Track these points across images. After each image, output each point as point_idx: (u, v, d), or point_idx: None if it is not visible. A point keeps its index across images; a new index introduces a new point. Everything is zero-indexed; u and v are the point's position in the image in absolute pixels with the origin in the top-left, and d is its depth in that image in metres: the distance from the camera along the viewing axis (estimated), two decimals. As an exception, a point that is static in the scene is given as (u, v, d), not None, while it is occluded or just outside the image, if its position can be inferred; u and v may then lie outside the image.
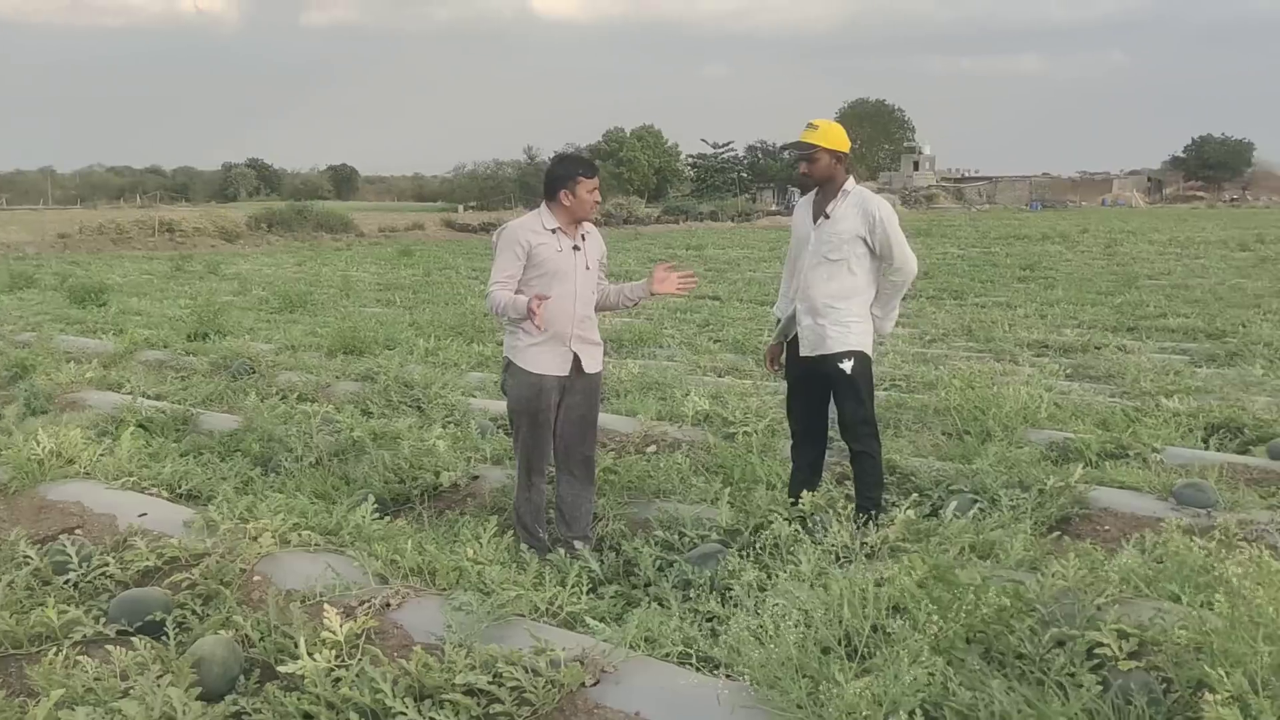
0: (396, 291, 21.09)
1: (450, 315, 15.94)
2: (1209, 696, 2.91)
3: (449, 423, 7.91)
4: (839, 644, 3.35)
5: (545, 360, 5.22)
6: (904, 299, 5.67)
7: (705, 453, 6.84)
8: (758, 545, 4.82)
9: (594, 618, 4.04)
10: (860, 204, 5.20)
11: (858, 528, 4.83)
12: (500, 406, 8.43)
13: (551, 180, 5.33)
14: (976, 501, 5.60)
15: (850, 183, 5.28)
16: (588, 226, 5.42)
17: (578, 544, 5.13)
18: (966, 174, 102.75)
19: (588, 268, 5.31)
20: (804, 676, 3.14)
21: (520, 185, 76.51)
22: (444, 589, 4.19)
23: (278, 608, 4.01)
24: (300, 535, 4.67)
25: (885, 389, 9.44)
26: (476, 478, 6.39)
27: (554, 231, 5.26)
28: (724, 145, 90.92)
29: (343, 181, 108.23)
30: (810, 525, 5.00)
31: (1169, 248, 32.98)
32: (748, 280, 23.45)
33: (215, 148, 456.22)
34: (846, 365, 5.13)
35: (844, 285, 5.18)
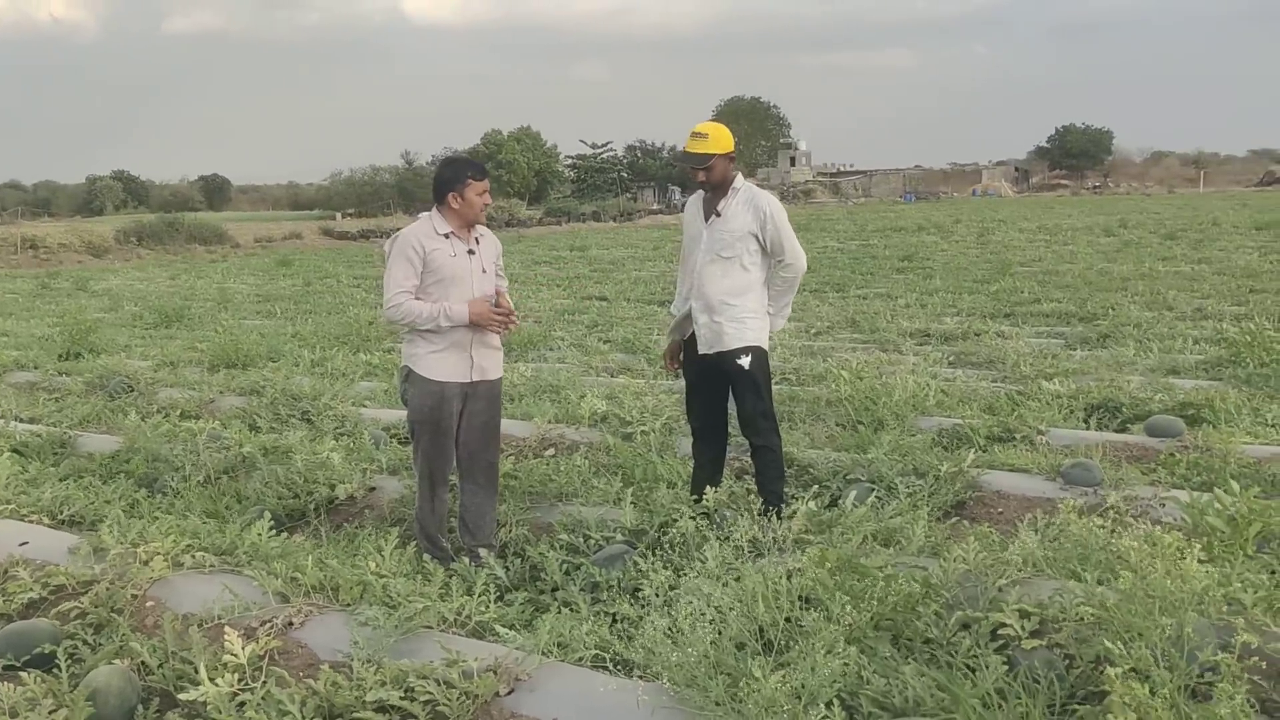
0: (276, 303, 20.62)
1: (334, 325, 15.65)
2: (1110, 670, 3.00)
3: (341, 434, 7.76)
4: (754, 639, 3.36)
5: (446, 367, 5.12)
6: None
7: (604, 454, 6.81)
8: (664, 544, 4.81)
9: (504, 625, 4.00)
10: (750, 200, 5.21)
11: (763, 522, 4.86)
12: (392, 415, 8.34)
13: (440, 184, 5.22)
14: (874, 490, 5.69)
15: (739, 180, 5.30)
16: (481, 229, 5.32)
17: (482, 552, 5.04)
18: (842, 168, 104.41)
19: (484, 270, 5.21)
20: (721, 674, 3.15)
21: (399, 191, 75.52)
22: (348, 604, 4.09)
23: (174, 633, 3.87)
24: (194, 557, 4.51)
25: (777, 383, 9.51)
26: (373, 489, 6.26)
27: (447, 236, 5.17)
28: (603, 145, 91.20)
29: (214, 192, 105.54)
30: (715, 521, 5.01)
31: (1038, 235, 33.97)
32: (633, 280, 23.48)
33: (78, 161, 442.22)
34: (744, 361, 5.15)
35: (738, 282, 5.19)
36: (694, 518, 4.91)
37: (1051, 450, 6.45)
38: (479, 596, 4.09)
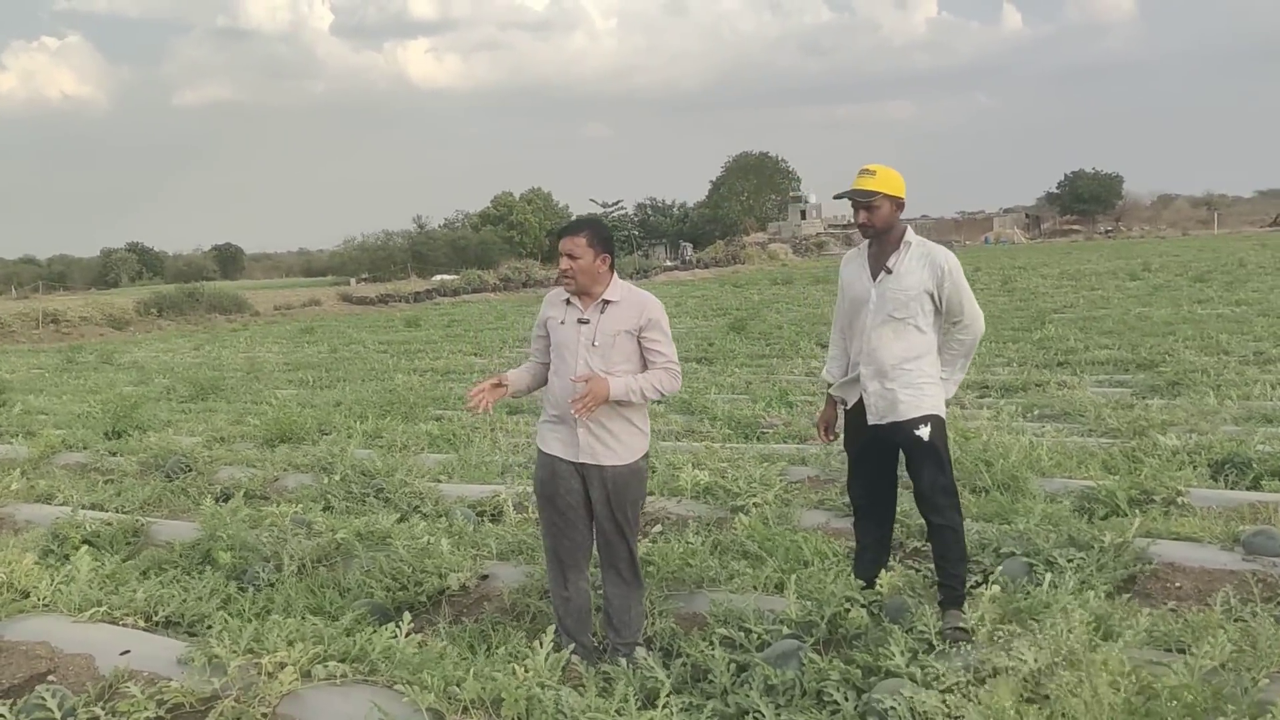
0: (307, 371, 20.28)
1: (372, 393, 15.28)
2: None
3: (424, 513, 7.35)
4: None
5: (553, 441, 4.77)
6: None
7: (719, 530, 6.39)
8: (839, 639, 4.36)
9: None
10: (926, 256, 4.79)
11: (952, 613, 4.44)
12: (476, 491, 7.96)
13: None
14: (1032, 565, 5.26)
15: (910, 233, 4.88)
16: (618, 294, 4.80)
17: (640, 651, 4.57)
18: (852, 220, 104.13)
19: (595, 344, 4.70)
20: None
21: (412, 254, 75.45)
22: (513, 721, 3.65)
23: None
24: (325, 667, 4.08)
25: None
26: (486, 577, 5.82)
27: (568, 302, 4.81)
28: (614, 204, 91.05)
29: (228, 261, 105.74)
30: (891, 611, 4.58)
31: (1062, 280, 33.65)
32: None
33: (92, 234, 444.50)
34: (923, 431, 4.69)
35: (913, 344, 4.76)
36: (865, 606, 4.47)
37: (1212, 515, 6.01)
38: (662, 709, 3.62)
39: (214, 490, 8.68)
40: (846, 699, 3.80)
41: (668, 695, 3.67)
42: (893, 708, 3.60)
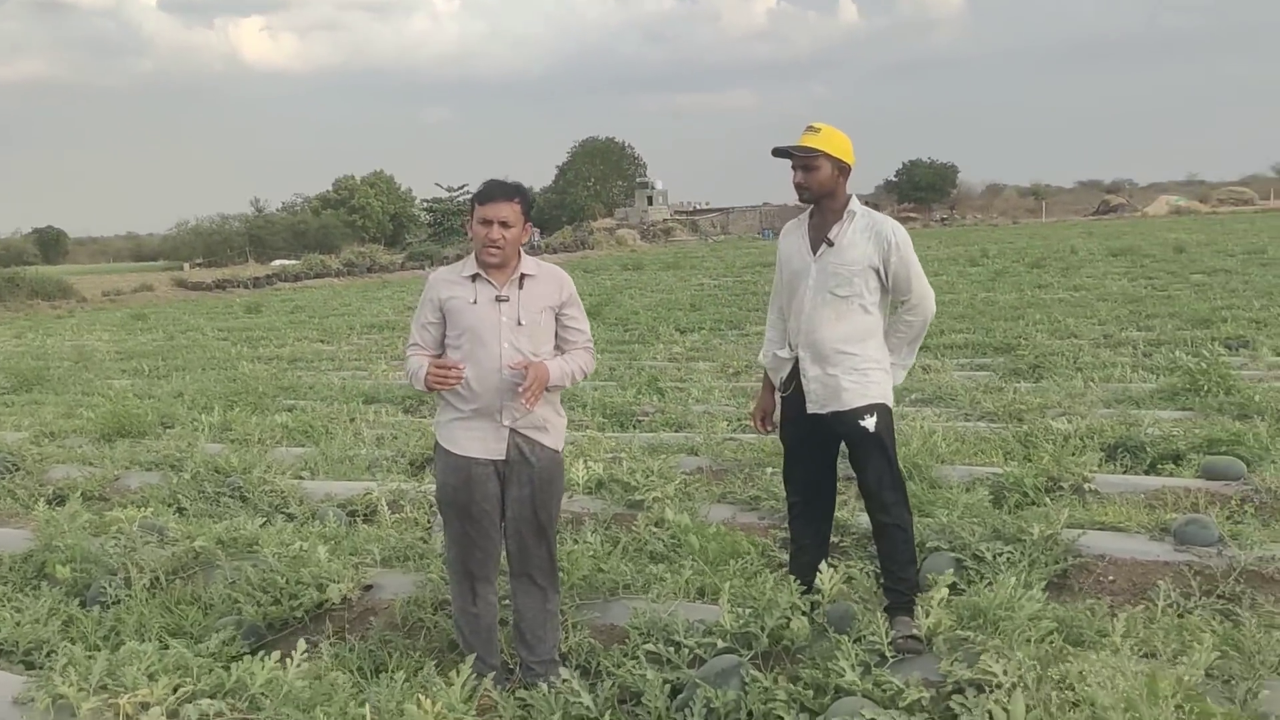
0: (142, 359, 19.02)
1: (215, 382, 14.35)
2: None
3: (289, 515, 6.71)
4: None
5: (471, 440, 4.16)
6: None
7: (618, 527, 5.95)
8: (781, 652, 3.95)
9: None
10: (871, 228, 4.35)
11: (893, 617, 4.09)
12: (344, 489, 7.33)
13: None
14: (960, 560, 4.98)
15: (855, 202, 4.42)
16: (533, 267, 4.28)
17: (563, 672, 4.06)
18: (698, 206, 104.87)
19: (520, 322, 4.16)
20: None
21: (250, 239, 72.64)
22: (428, 767, 3.14)
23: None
24: (197, 706, 3.48)
25: (734, 430, 8.87)
26: (370, 587, 5.23)
27: (473, 279, 4.19)
28: (459, 188, 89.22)
29: (50, 244, 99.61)
30: (832, 619, 4.21)
31: (908, 266, 34.12)
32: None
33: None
34: (869, 422, 4.27)
35: (857, 326, 4.33)
36: (806, 613, 4.08)
37: (1130, 504, 5.84)
38: None
39: (46, 492, 7.84)
40: (799, 722, 3.42)
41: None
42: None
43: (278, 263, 57.31)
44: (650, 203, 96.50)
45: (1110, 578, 4.88)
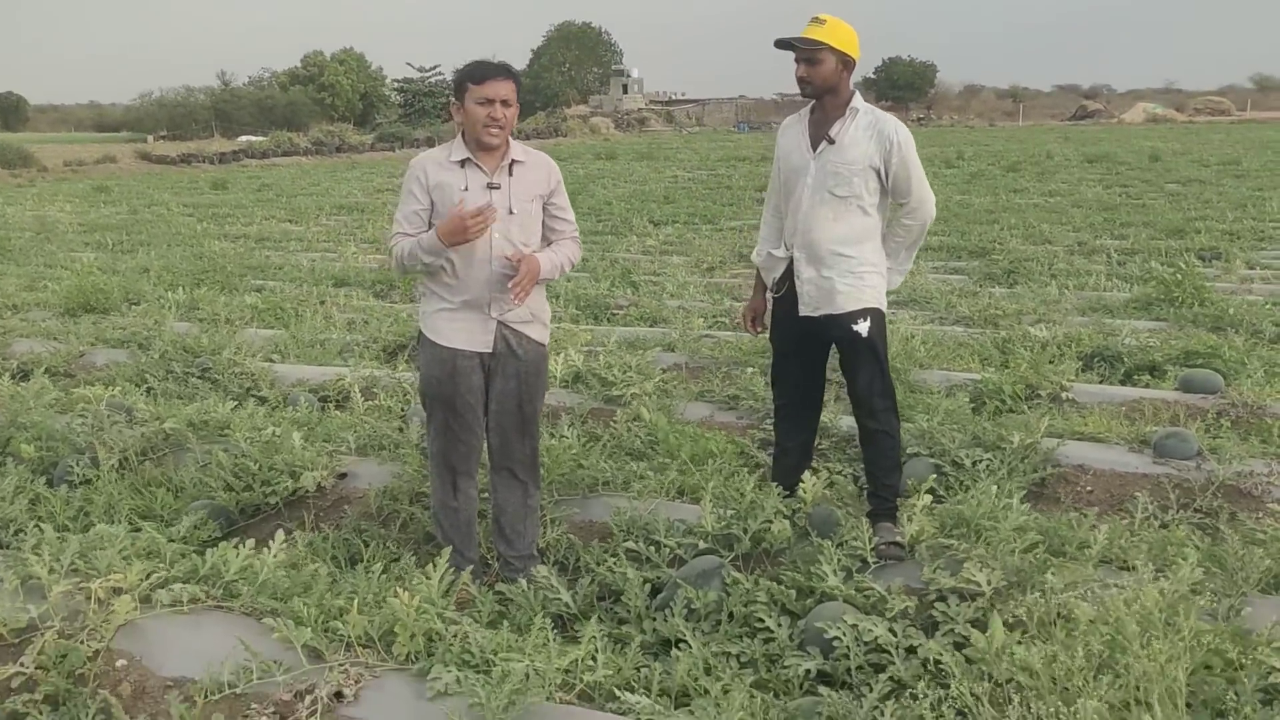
0: (106, 233, 18.63)
1: (181, 259, 14.09)
2: None
3: (259, 397, 6.61)
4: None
5: (457, 332, 4.04)
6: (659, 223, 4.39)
7: (595, 422, 5.89)
8: (761, 553, 3.93)
9: (626, 688, 3.06)
10: (874, 126, 4.20)
11: (875, 524, 4.07)
12: (316, 373, 7.22)
13: (451, 94, 4.09)
14: (939, 466, 4.96)
15: (858, 99, 4.27)
16: (523, 154, 4.14)
17: (540, 569, 4.01)
18: (675, 96, 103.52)
19: (511, 211, 4.02)
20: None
21: (216, 113, 71.07)
22: (409, 662, 3.10)
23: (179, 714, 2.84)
24: (170, 591, 3.42)
25: (710, 327, 8.82)
26: (344, 475, 5.16)
27: (462, 164, 4.00)
28: (431, 69, 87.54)
29: (9, 111, 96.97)
30: (815, 522, 4.19)
31: (884, 165, 33.84)
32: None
33: None
34: (861, 326, 4.18)
35: (854, 228, 4.21)
36: (789, 517, 4.05)
37: (1108, 413, 5.84)
38: (586, 645, 3.11)
39: (9, 366, 7.70)
40: (780, 625, 3.40)
41: (592, 637, 3.14)
42: (838, 638, 3.21)
43: (244, 138, 56.15)
44: (625, 91, 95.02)
45: (1089, 488, 4.89)
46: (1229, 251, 13.02)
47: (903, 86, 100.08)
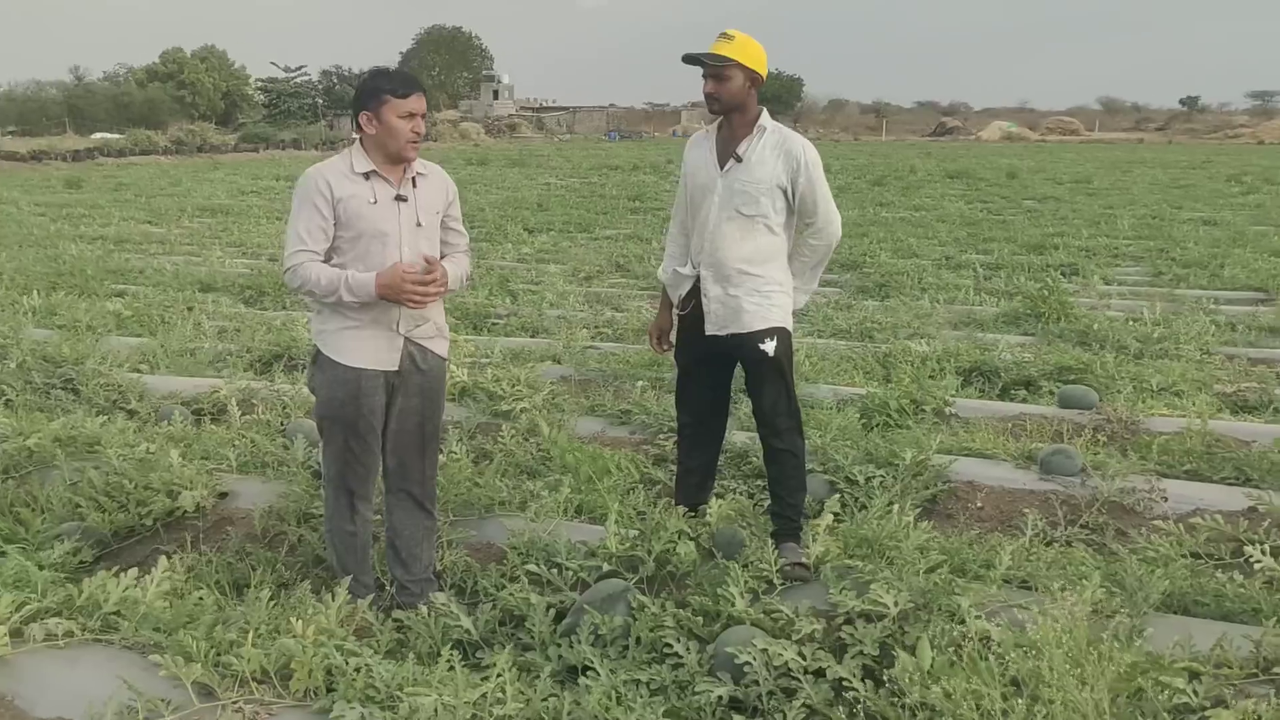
0: (-52, 234, 17.73)
1: (34, 262, 13.43)
2: None
3: (146, 416, 6.30)
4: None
5: (365, 350, 3.86)
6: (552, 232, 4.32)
7: (484, 437, 5.76)
8: (666, 576, 3.86)
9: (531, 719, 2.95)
10: (781, 145, 4.18)
11: (780, 544, 4.04)
12: (188, 385, 6.94)
13: (355, 100, 3.88)
14: (834, 484, 4.98)
15: (766, 117, 4.24)
16: (424, 167, 4.00)
17: (440, 596, 3.86)
18: (545, 104, 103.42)
19: (419, 224, 3.89)
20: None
21: (69, 109, 68.34)
22: (306, 699, 2.94)
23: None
24: (44, 624, 3.21)
25: (594, 339, 8.77)
26: (225, 495, 4.94)
27: (367, 177, 3.83)
28: (296, 69, 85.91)
29: None
30: (720, 543, 4.14)
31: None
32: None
33: None
34: (768, 346, 4.15)
35: (761, 246, 4.18)
36: (694, 538, 4.00)
37: (991, 429, 5.95)
38: (496, 678, 2.99)
39: None
40: (689, 650, 3.34)
41: (500, 672, 3.03)
42: (748, 663, 3.17)
43: (99, 136, 54.15)
44: (496, 96, 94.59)
45: (978, 504, 4.97)
46: (1086, 268, 13.48)
47: (770, 99, 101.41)
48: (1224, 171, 34.10)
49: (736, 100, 4.16)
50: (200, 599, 3.52)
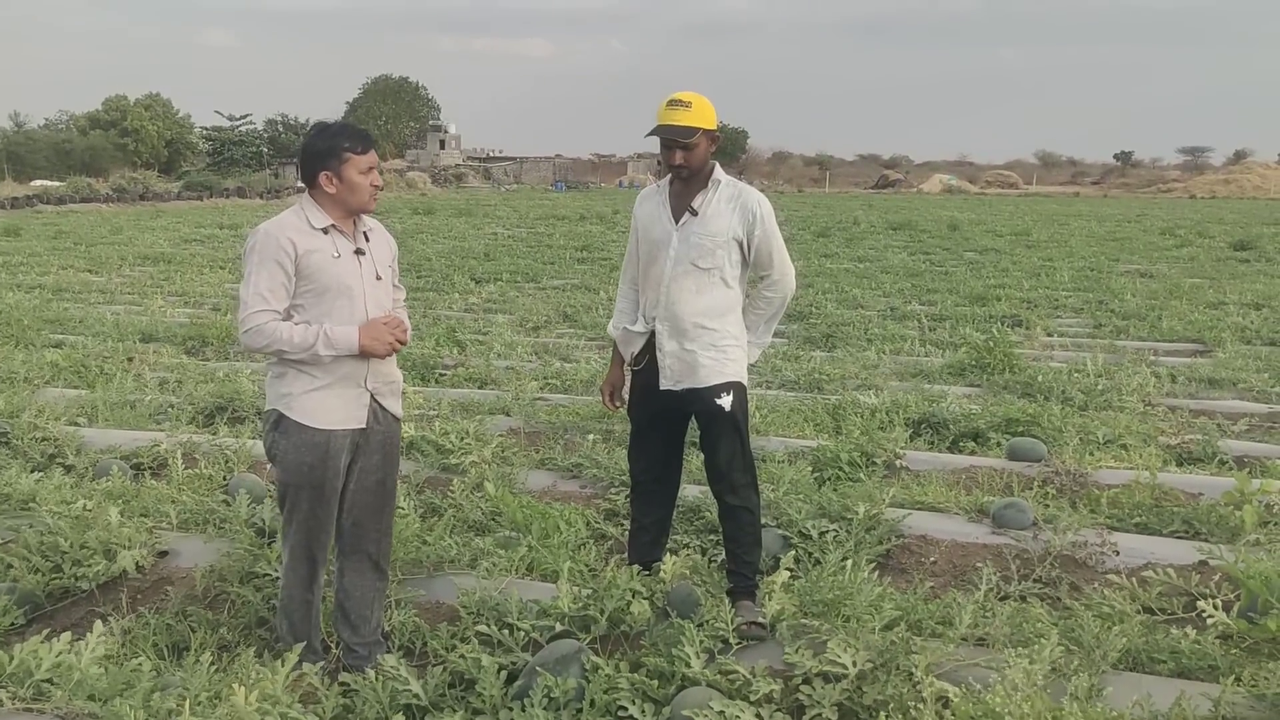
0: (-122, 280, 17.35)
1: (-28, 313, 13.17)
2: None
3: (83, 470, 6.13)
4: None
5: (334, 410, 3.75)
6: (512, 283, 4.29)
7: (432, 492, 5.67)
8: (620, 636, 3.78)
9: None
10: (736, 198, 4.18)
11: (735, 602, 3.99)
12: (126, 439, 6.78)
13: (309, 159, 3.79)
14: (787, 538, 4.94)
15: (719, 171, 4.25)
16: (370, 222, 3.97)
17: (389, 659, 3.70)
18: (492, 153, 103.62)
19: (378, 277, 3.86)
20: None
21: (7, 156, 67.42)
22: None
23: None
24: (-27, 693, 3.07)
25: (543, 389, 8.71)
26: (165, 553, 4.80)
27: (326, 231, 3.76)
28: (241, 118, 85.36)
29: None
30: (673, 601, 4.08)
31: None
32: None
33: None
34: (725, 400, 4.11)
35: (717, 300, 4.16)
36: (648, 597, 3.93)
37: (939, 481, 5.96)
38: None
39: None
40: (644, 713, 3.27)
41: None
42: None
43: (39, 183, 53.46)
44: (442, 146, 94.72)
45: (931, 558, 4.95)
46: (1029, 319, 13.65)
47: (716, 152, 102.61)
48: (1158, 225, 34.87)
49: (704, 163, 4.21)
50: (138, 664, 3.40)
